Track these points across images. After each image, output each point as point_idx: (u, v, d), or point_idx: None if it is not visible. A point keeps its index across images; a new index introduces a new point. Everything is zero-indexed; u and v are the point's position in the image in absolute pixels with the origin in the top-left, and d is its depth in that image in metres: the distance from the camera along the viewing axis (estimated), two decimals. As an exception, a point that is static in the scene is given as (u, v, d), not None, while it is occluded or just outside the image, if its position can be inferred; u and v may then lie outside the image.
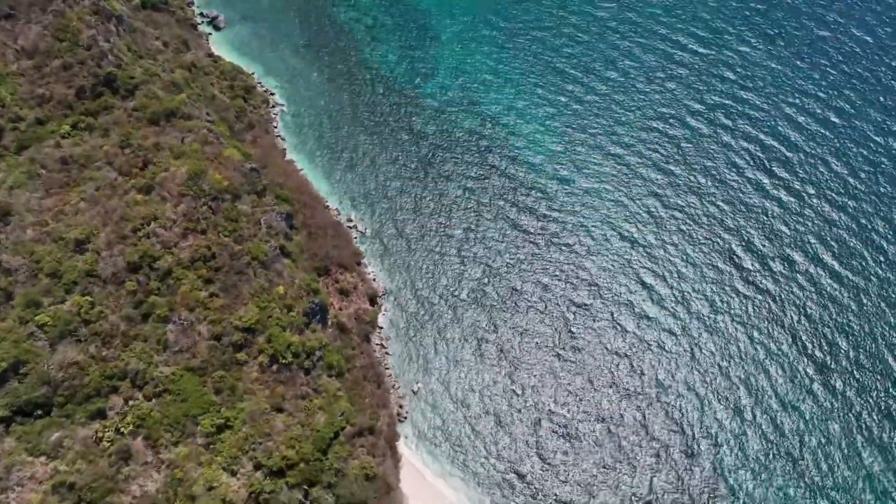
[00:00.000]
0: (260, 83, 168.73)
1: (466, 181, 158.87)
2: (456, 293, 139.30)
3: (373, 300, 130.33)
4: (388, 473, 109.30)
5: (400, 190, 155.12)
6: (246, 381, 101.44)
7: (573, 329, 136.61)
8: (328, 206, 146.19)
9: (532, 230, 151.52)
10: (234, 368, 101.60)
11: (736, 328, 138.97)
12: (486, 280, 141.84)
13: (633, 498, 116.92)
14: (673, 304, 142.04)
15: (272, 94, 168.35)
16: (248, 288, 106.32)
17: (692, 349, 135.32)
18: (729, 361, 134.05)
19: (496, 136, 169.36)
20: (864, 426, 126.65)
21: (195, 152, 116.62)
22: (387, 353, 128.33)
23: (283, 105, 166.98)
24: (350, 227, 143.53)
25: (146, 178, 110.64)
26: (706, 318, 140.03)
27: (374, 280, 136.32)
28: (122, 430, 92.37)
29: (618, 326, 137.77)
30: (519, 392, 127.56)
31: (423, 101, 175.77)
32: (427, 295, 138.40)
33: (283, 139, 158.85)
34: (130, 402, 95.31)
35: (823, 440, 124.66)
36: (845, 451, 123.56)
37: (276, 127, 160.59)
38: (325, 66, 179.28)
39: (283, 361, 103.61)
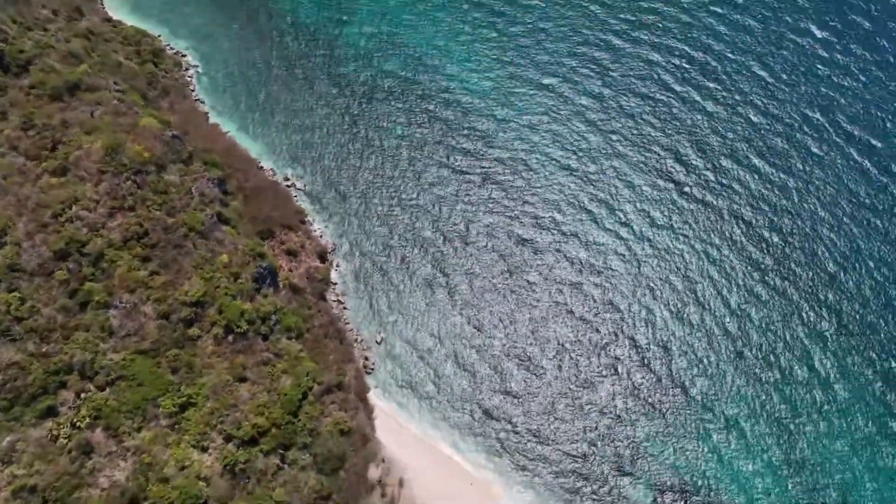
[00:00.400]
0: (169, 45, 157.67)
1: (400, 128, 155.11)
2: (404, 241, 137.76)
3: (322, 257, 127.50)
4: (363, 425, 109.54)
5: (334, 143, 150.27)
6: (202, 355, 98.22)
7: (523, 264, 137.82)
8: (262, 167, 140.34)
9: (472, 170, 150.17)
10: (188, 345, 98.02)
11: (680, 241, 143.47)
12: (432, 226, 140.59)
13: (598, 414, 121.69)
14: (617, 227, 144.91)
15: (184, 55, 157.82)
16: (190, 261, 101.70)
17: (640, 267, 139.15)
18: (676, 274, 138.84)
19: (424, 79, 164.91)
20: (804, 318, 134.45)
21: (108, 126, 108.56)
22: (344, 308, 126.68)
23: (197, 66, 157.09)
24: (288, 186, 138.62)
25: (58, 160, 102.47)
26: (650, 236, 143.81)
27: (321, 237, 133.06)
28: (78, 424, 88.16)
29: (566, 255, 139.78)
30: (479, 331, 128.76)
31: (346, 48, 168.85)
32: (376, 246, 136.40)
33: (203, 102, 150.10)
34: (83, 395, 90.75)
35: (770, 336, 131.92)
36: (790, 343, 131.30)
37: (193, 90, 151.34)
38: (236, 21, 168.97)
39: (239, 331, 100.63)
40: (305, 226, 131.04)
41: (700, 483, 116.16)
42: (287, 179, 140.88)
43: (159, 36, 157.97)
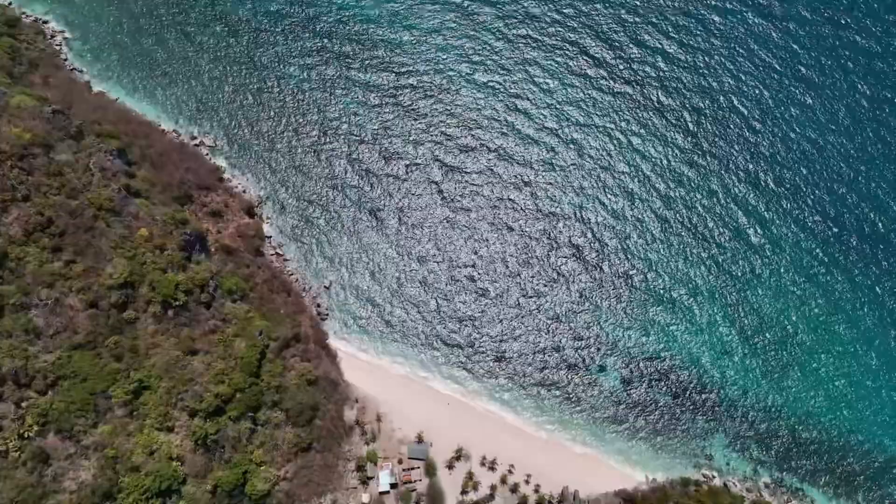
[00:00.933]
0: (25, 13, 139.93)
1: (303, 59, 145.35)
2: (332, 180, 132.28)
3: (250, 212, 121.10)
4: (329, 371, 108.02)
5: (235, 89, 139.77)
6: (145, 337, 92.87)
7: (454, 187, 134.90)
8: (164, 129, 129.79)
9: (388, 93, 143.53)
10: (126, 329, 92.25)
11: (602, 136, 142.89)
12: (357, 158, 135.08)
13: (553, 319, 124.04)
14: (540, 133, 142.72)
15: (45, 22, 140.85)
16: (106, 242, 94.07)
17: (568, 170, 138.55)
18: (604, 169, 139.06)
19: (313, 12, 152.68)
20: (731, 189, 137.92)
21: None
22: (285, 259, 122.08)
23: (63, 32, 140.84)
24: (197, 146, 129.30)
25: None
26: (573, 136, 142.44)
27: (244, 192, 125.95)
28: (26, 434, 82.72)
29: (494, 171, 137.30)
30: (423, 259, 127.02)
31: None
32: (304, 193, 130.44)
33: (80, 71, 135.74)
34: (23, 404, 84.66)
35: (701, 212, 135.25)
36: (721, 215, 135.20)
37: (66, 59, 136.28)
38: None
39: (178, 304, 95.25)
40: (224, 183, 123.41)
41: (659, 360, 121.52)
42: (194, 138, 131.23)
43: (10, 3, 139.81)
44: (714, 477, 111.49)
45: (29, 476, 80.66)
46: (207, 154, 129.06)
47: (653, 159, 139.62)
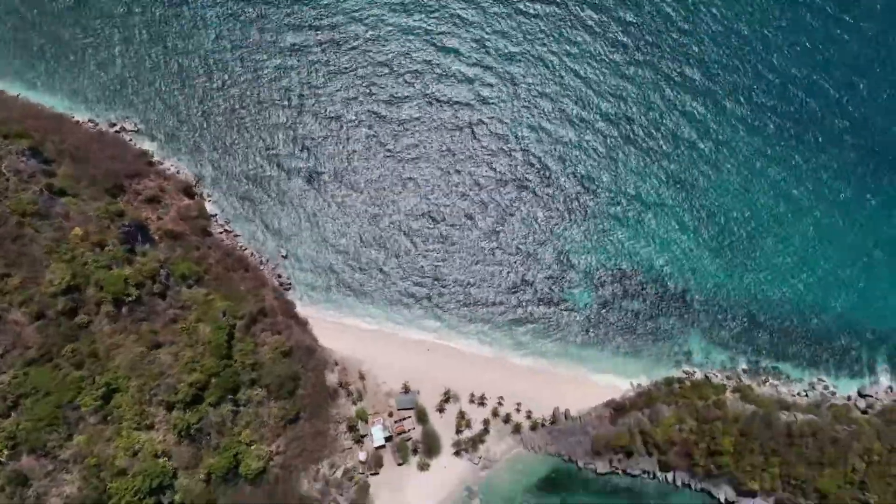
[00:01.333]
0: None
1: (215, 23, 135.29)
2: (270, 147, 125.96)
3: (189, 193, 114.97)
4: (303, 339, 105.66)
5: (149, 68, 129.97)
6: (102, 339, 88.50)
7: (397, 128, 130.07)
8: (77, 120, 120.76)
9: (310, 48, 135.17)
10: (81, 335, 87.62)
11: (537, 51, 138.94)
12: (292, 122, 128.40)
13: (519, 246, 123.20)
14: (476, 59, 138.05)
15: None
16: (38, 248, 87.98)
17: (511, 92, 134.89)
18: (546, 85, 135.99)
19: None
20: (673, 80, 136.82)
21: None
22: (235, 235, 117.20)
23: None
24: (118, 132, 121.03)
25: None
26: (511, 57, 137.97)
27: (178, 173, 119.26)
28: (-3, 460, 78.97)
29: (436, 105, 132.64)
30: (378, 211, 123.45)
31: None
32: (241, 162, 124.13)
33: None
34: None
35: (647, 110, 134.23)
36: (667, 111, 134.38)
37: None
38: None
39: (130, 299, 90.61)
40: (155, 167, 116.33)
41: (625, 274, 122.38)
42: (113, 125, 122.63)
43: None
44: (695, 372, 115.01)
45: (10, 501, 77.48)
46: (131, 139, 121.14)
47: (587, 78, 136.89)
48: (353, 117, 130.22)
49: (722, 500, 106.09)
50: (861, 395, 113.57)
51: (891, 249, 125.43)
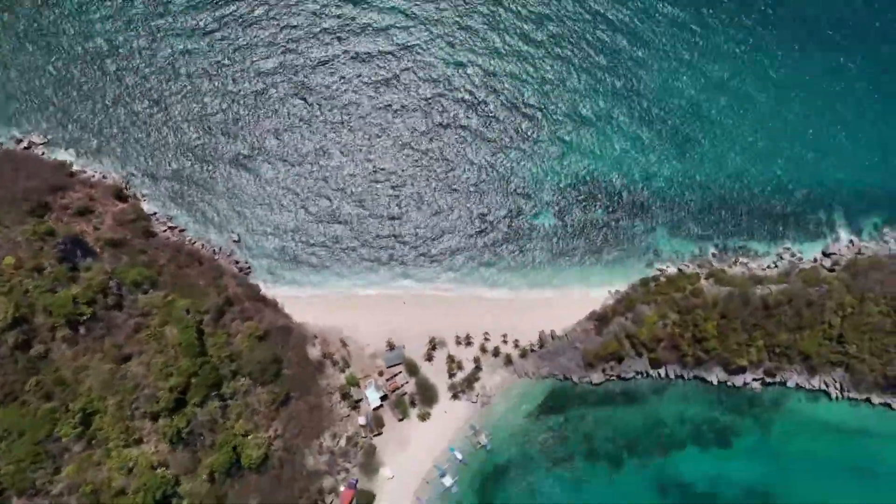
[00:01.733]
0: None
1: (107, 23, 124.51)
2: (193, 136, 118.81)
3: (121, 196, 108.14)
4: (276, 320, 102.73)
5: (56, 74, 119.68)
6: (66, 364, 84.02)
7: (324, 91, 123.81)
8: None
9: (213, 27, 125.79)
10: (42, 365, 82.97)
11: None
12: (215, 106, 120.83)
13: (473, 185, 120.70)
14: (390, 2, 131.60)
15: None
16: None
17: (431, 31, 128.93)
18: (468, 14, 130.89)
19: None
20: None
21: None
22: (181, 231, 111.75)
23: None
24: (27, 148, 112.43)
25: None
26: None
27: (104, 178, 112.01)
28: (-15, 510, 75.37)
29: (358, 59, 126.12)
30: (320, 182, 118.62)
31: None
32: (167, 156, 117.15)
33: None
34: (-33, 483, 76.54)
35: (572, 22, 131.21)
36: (592, 18, 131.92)
37: None
38: None
39: (85, 318, 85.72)
40: (77, 177, 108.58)
41: (583, 184, 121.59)
42: (19, 141, 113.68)
43: None
44: (667, 268, 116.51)
45: (10, 548, 74.51)
46: (43, 153, 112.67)
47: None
48: (274, 90, 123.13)
49: (714, 382, 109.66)
50: (825, 254, 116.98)
51: (816, 106, 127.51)
